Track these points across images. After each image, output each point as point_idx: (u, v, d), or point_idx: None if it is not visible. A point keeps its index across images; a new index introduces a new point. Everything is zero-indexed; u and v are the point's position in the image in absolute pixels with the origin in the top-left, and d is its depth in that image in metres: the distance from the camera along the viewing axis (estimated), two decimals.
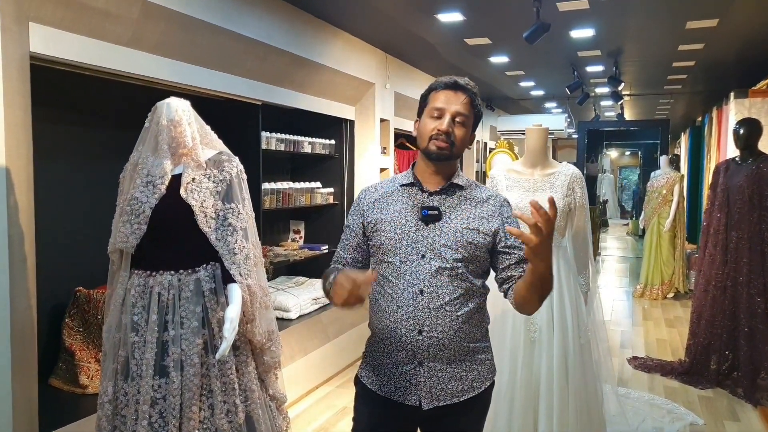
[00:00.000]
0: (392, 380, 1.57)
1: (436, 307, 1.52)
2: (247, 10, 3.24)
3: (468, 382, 1.58)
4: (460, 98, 1.56)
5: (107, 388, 2.01)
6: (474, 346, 1.59)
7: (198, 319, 1.99)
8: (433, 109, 1.57)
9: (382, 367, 1.59)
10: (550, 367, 2.58)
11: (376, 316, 1.62)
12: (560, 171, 2.73)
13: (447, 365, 1.55)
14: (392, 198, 1.64)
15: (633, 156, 17.62)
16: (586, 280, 2.78)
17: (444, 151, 1.56)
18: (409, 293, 1.53)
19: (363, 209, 1.66)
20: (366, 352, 1.68)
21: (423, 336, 1.52)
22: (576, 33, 4.50)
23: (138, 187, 2.01)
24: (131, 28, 2.58)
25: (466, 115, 1.57)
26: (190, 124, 2.07)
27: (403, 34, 4.51)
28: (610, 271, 9.28)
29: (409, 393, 1.55)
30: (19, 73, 2.15)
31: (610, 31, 4.55)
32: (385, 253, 1.58)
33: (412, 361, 1.55)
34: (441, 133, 1.54)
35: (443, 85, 1.58)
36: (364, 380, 1.65)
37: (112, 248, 2.06)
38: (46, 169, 2.70)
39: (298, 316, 4.08)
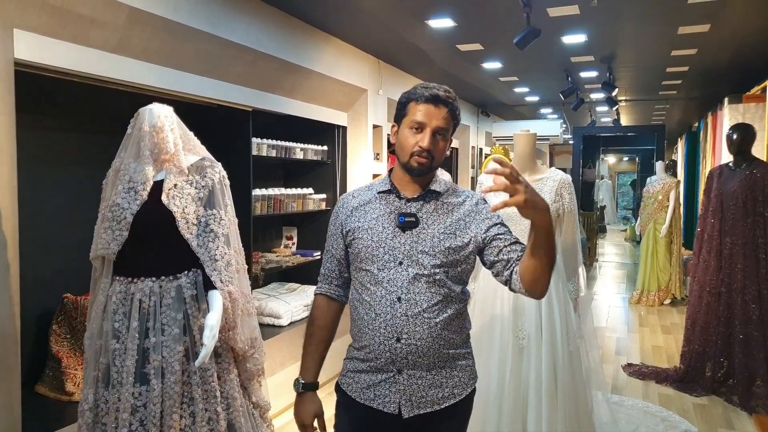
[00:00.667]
0: (372, 388, 1.56)
1: (414, 314, 1.51)
2: (235, 16, 3.24)
3: (449, 389, 1.57)
4: (441, 113, 1.54)
5: (88, 396, 2.00)
6: (454, 353, 1.58)
7: (179, 326, 1.98)
8: (413, 121, 1.54)
9: (362, 374, 1.59)
10: (538, 374, 2.56)
11: (355, 324, 1.62)
12: (548, 177, 2.72)
13: (426, 372, 1.54)
14: (370, 206, 1.63)
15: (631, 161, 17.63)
16: (575, 286, 2.77)
17: (424, 167, 1.55)
18: (387, 300, 1.52)
19: (341, 219, 1.66)
20: (346, 359, 1.68)
21: (401, 343, 1.51)
22: (568, 38, 4.50)
23: (120, 194, 2.00)
24: (117, 35, 2.58)
25: (447, 129, 1.57)
26: (173, 129, 2.06)
27: (394, 41, 4.51)
28: (608, 277, 9.26)
29: (389, 401, 1.54)
30: (2, 80, 2.15)
31: (602, 37, 4.56)
32: (363, 261, 1.58)
33: (390, 368, 1.54)
34: (423, 150, 1.53)
35: (424, 98, 1.54)
36: (344, 387, 1.64)
37: (93, 254, 2.05)
38: (31, 175, 2.69)
39: (290, 323, 4.07)
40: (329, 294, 1.71)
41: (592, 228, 10.73)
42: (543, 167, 2.79)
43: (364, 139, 4.92)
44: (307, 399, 1.65)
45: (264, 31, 3.52)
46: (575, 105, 6.69)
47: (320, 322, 1.70)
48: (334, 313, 1.72)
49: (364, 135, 4.91)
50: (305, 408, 1.64)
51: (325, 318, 1.70)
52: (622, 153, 16.54)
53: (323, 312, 1.70)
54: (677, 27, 4.25)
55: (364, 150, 4.93)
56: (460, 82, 6.43)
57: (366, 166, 4.94)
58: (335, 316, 1.72)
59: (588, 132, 7.80)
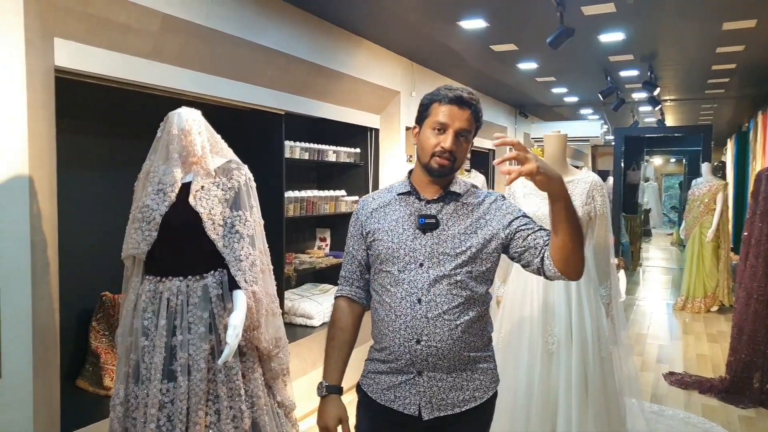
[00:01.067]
0: (392, 389, 1.57)
1: (434, 316, 1.50)
2: (266, 21, 3.29)
3: (469, 391, 1.56)
4: (464, 114, 1.53)
5: (119, 391, 2.06)
6: (475, 356, 1.57)
7: (205, 325, 2.02)
8: (435, 122, 1.54)
9: (383, 375, 1.59)
10: (568, 379, 2.51)
11: (376, 326, 1.62)
12: (580, 179, 2.66)
13: (447, 375, 1.53)
14: (390, 207, 1.63)
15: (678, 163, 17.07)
16: (607, 290, 2.70)
17: (445, 168, 1.55)
18: (407, 302, 1.52)
19: (362, 220, 1.67)
20: (367, 360, 1.68)
21: (421, 345, 1.51)
22: (605, 37, 4.40)
23: (149, 195, 2.06)
24: (152, 41, 2.66)
25: (469, 131, 1.56)
26: (200, 133, 2.11)
27: (427, 42, 4.50)
28: (652, 283, 8.99)
29: (409, 402, 1.54)
30: (43, 86, 2.24)
31: (641, 35, 4.43)
32: (383, 263, 1.58)
33: (411, 370, 1.54)
34: (445, 151, 1.52)
35: (447, 99, 1.54)
36: (365, 388, 1.65)
37: (125, 254, 2.12)
38: (70, 178, 2.79)
39: (322, 323, 4.10)
40: (350, 296, 1.71)
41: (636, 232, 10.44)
42: (574, 169, 2.74)
43: (396, 141, 4.93)
44: (331, 403, 1.64)
45: (295, 35, 3.56)
46: (615, 105, 6.53)
47: (341, 324, 1.69)
48: (356, 316, 1.71)
49: (397, 137, 4.92)
50: (328, 412, 1.62)
51: (347, 320, 1.69)
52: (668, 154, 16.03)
53: (344, 314, 1.70)
54: (721, 23, 4.10)
55: (397, 152, 4.94)
56: (496, 83, 6.36)
57: (398, 168, 4.95)
58: (357, 318, 1.72)
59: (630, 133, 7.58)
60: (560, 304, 2.57)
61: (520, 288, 2.67)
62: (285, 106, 3.75)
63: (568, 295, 2.58)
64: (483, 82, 6.33)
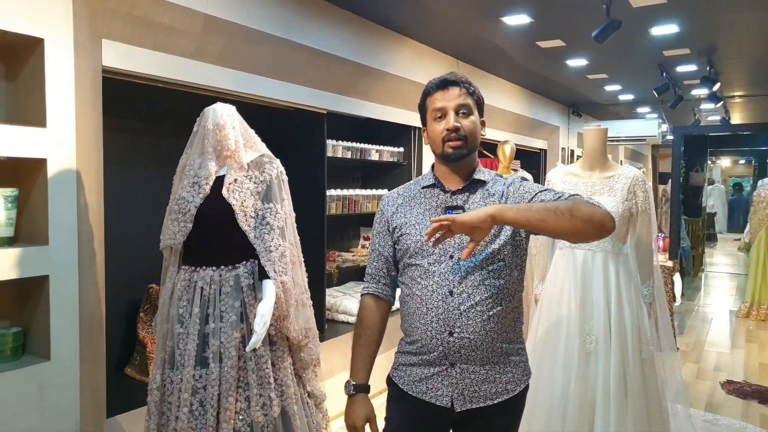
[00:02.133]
0: (424, 381, 1.56)
1: (466, 308, 1.50)
2: (308, 20, 3.35)
3: (501, 384, 1.55)
4: (455, 92, 1.56)
5: (156, 376, 2.14)
6: (507, 347, 1.56)
7: (236, 314, 2.08)
8: (434, 111, 1.58)
9: (414, 367, 1.59)
10: (606, 380, 2.44)
11: (406, 319, 1.62)
12: (621, 174, 2.59)
13: (480, 367, 1.52)
14: (415, 201, 1.64)
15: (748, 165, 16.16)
16: (650, 290, 2.60)
17: (460, 149, 1.55)
18: (439, 295, 1.52)
19: (387, 216, 1.67)
20: (398, 352, 1.68)
21: (454, 337, 1.50)
22: (657, 30, 4.23)
23: (185, 188, 2.14)
24: (195, 41, 2.76)
25: (467, 105, 1.57)
26: (234, 127, 2.17)
27: (470, 40, 4.46)
28: (715, 289, 8.60)
29: (441, 394, 1.54)
30: (91, 85, 2.36)
31: (696, 27, 4.24)
32: (413, 256, 1.57)
33: (443, 362, 1.53)
34: (450, 131, 1.53)
35: (435, 86, 1.59)
36: (396, 380, 1.64)
37: (163, 245, 2.20)
38: (118, 175, 2.92)
39: None
40: (377, 293, 1.70)
41: (698, 236, 9.98)
42: (614, 164, 2.65)
43: None
44: (358, 401, 1.64)
45: (337, 34, 3.61)
46: (673, 103, 6.26)
47: (368, 322, 1.69)
48: (383, 313, 1.71)
49: None
50: (356, 411, 1.63)
51: (373, 318, 1.69)
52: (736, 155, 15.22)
53: (371, 312, 1.70)
54: None
55: None
56: (546, 81, 6.23)
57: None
58: (383, 315, 1.71)
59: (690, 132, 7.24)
60: (599, 302, 2.50)
61: (558, 286, 2.61)
62: (327, 106, 3.81)
63: (607, 293, 2.50)
64: (532, 81, 6.21)
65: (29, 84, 2.16)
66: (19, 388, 2.06)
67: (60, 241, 2.17)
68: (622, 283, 2.52)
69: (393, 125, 4.60)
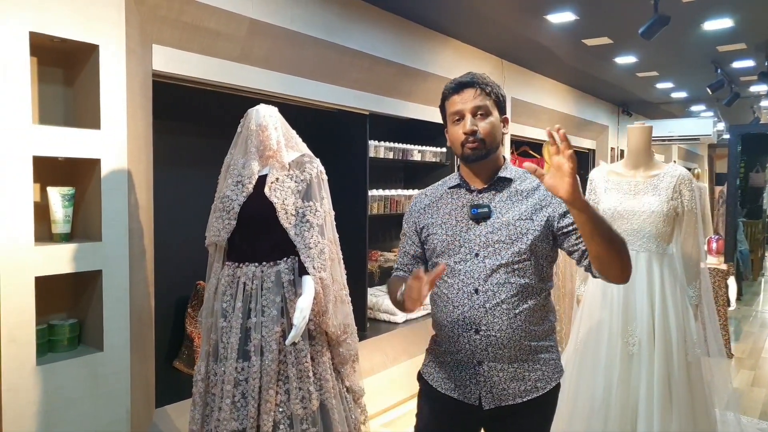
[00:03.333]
0: (452, 378, 1.58)
1: (492, 306, 1.50)
2: (350, 23, 3.40)
3: (531, 382, 1.54)
4: (470, 94, 1.57)
5: (201, 368, 2.22)
6: (536, 345, 1.55)
7: (277, 309, 2.14)
8: (452, 114, 1.60)
9: (444, 365, 1.61)
10: (650, 384, 2.38)
11: (435, 317, 1.64)
12: (665, 172, 2.52)
13: (508, 365, 1.52)
14: (442, 201, 1.66)
15: None
16: (696, 291, 2.52)
17: (478, 151, 1.56)
18: (464, 293, 1.53)
19: (415, 217, 1.70)
20: (429, 349, 1.70)
21: (480, 335, 1.51)
22: (710, 25, 4.08)
23: (229, 186, 2.21)
24: (240, 45, 2.85)
25: (485, 106, 1.57)
26: (276, 128, 2.23)
27: (515, 39, 4.42)
28: None
29: (470, 392, 1.55)
30: (141, 89, 2.48)
31: (752, 20, 4.07)
32: (439, 255, 1.59)
33: (471, 360, 1.54)
34: (468, 135, 1.55)
35: (451, 90, 1.61)
36: (426, 377, 1.67)
37: (208, 242, 2.28)
38: (165, 175, 3.02)
39: (405, 320, 4.15)
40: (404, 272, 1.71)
41: (757, 238, 9.55)
42: (660, 162, 2.59)
43: None
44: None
45: (380, 36, 3.65)
46: (728, 100, 6.02)
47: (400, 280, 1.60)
48: None
49: None
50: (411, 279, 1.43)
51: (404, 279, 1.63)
52: None
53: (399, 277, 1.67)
54: None
55: None
56: (594, 80, 6.10)
57: None
58: None
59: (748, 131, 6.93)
60: (642, 304, 2.44)
61: (600, 288, 2.57)
62: (369, 107, 3.85)
63: (650, 295, 2.44)
64: (579, 79, 6.10)
65: (85, 88, 2.28)
66: (75, 376, 2.18)
67: (112, 238, 2.28)
68: (666, 284, 2.46)
69: (435, 125, 4.60)
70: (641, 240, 2.48)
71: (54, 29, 2.07)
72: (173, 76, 2.67)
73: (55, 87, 2.30)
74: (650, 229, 2.47)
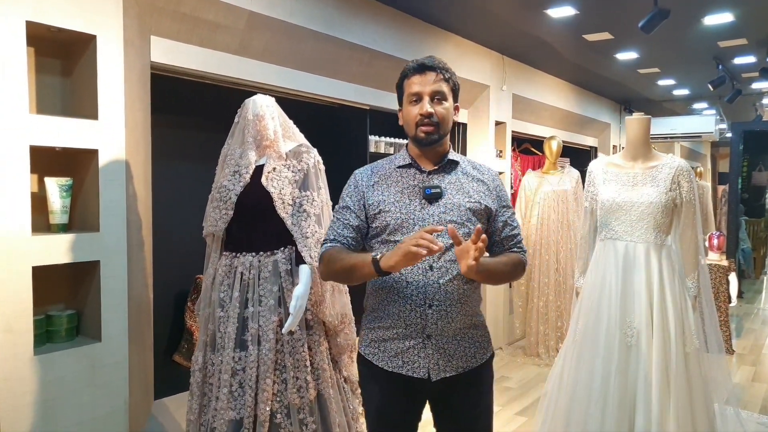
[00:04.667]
0: (400, 355, 1.62)
1: (445, 282, 1.58)
2: (350, 17, 3.40)
3: (471, 353, 1.65)
4: (431, 77, 1.61)
5: (198, 358, 2.23)
6: (475, 320, 1.67)
7: (275, 298, 2.14)
8: (410, 95, 1.64)
9: (389, 342, 1.63)
10: (648, 375, 2.37)
11: (379, 294, 1.64)
12: (664, 164, 2.52)
13: (452, 338, 1.61)
14: (391, 179, 1.69)
15: None
16: (694, 283, 2.51)
17: (432, 135, 1.62)
18: (419, 269, 1.58)
19: (362, 191, 1.69)
20: (365, 330, 1.71)
21: (432, 310, 1.57)
22: (710, 19, 4.07)
23: (226, 176, 2.21)
24: (239, 38, 2.85)
25: (442, 92, 1.63)
26: (273, 118, 2.24)
27: (515, 34, 4.42)
28: None
29: (418, 366, 1.59)
30: (139, 80, 2.48)
31: (753, 15, 4.05)
32: (392, 233, 1.62)
33: (420, 335, 1.59)
34: (424, 116, 1.60)
35: (412, 70, 1.64)
36: (370, 357, 1.67)
37: (205, 232, 2.29)
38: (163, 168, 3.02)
39: None
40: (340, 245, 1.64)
41: (760, 237, 9.53)
42: (658, 154, 2.58)
43: (485, 135, 4.87)
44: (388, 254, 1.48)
45: (380, 30, 3.65)
46: (730, 97, 6.00)
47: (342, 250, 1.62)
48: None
49: (485, 132, 4.86)
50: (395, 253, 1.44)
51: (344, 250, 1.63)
52: None
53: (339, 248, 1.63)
54: None
55: (485, 147, 4.88)
56: (596, 77, 6.08)
57: (487, 164, 4.88)
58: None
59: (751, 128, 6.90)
60: (640, 295, 2.43)
61: (599, 279, 2.56)
62: (370, 101, 3.85)
63: (649, 285, 2.43)
64: (580, 76, 6.08)
65: (82, 79, 2.28)
66: (73, 366, 2.18)
67: (110, 229, 2.29)
68: (665, 275, 2.45)
69: None
70: (639, 231, 2.47)
71: (51, 19, 2.08)
72: (171, 68, 2.67)
73: (53, 77, 2.30)
74: (648, 221, 2.46)
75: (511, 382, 4.28)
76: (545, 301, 4.91)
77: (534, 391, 4.06)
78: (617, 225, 2.53)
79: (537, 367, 4.64)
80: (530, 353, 4.95)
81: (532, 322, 4.96)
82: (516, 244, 1.73)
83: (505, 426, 3.47)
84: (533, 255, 4.96)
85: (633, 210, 2.49)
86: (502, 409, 3.74)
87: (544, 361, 4.78)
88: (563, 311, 4.88)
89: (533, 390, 4.09)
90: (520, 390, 4.11)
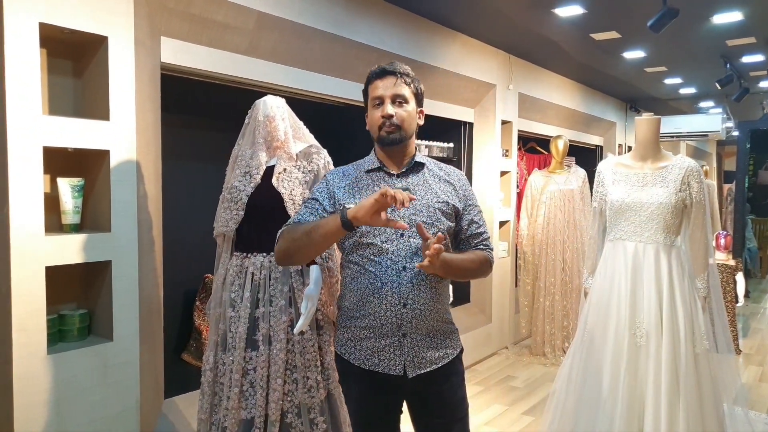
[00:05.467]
0: (376, 353, 1.66)
1: (418, 282, 1.64)
2: (357, 17, 3.40)
3: (443, 349, 1.72)
4: (392, 81, 1.69)
5: (209, 357, 2.24)
6: (445, 317, 1.75)
7: (285, 298, 2.15)
8: (373, 99, 1.72)
9: (365, 341, 1.68)
10: (657, 376, 2.38)
11: (354, 294, 1.69)
12: (674, 164, 2.52)
13: (426, 335, 1.68)
14: (361, 183, 1.74)
15: None
16: (703, 283, 2.51)
17: (393, 134, 1.68)
18: (393, 270, 1.64)
19: (333, 191, 1.74)
20: (341, 329, 1.76)
21: (407, 309, 1.63)
22: (719, 18, 4.05)
23: (237, 177, 2.22)
24: (248, 38, 2.86)
25: (404, 95, 1.70)
26: (284, 119, 2.24)
27: (523, 33, 4.41)
28: None
29: (394, 363, 1.65)
30: (150, 81, 2.49)
31: (762, 14, 4.03)
32: (364, 235, 1.66)
33: (396, 333, 1.65)
34: (385, 119, 1.67)
35: (375, 75, 1.72)
36: (346, 357, 1.73)
37: (216, 232, 2.30)
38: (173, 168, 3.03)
39: None
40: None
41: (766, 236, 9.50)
42: (667, 154, 2.58)
43: (491, 135, 4.87)
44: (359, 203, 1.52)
45: (387, 30, 3.65)
46: (737, 96, 5.97)
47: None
48: None
49: (492, 131, 4.86)
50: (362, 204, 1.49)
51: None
52: None
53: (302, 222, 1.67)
54: None
55: (491, 146, 4.88)
56: (602, 76, 6.07)
57: (493, 163, 4.89)
58: None
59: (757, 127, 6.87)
60: (649, 295, 2.43)
61: (608, 279, 2.56)
62: None
63: (658, 286, 2.43)
64: (587, 75, 6.06)
65: (94, 80, 2.29)
66: (85, 366, 2.20)
67: (121, 229, 2.30)
68: (674, 275, 2.45)
69: (443, 120, 4.61)
70: (649, 232, 2.47)
71: (64, 21, 2.09)
72: (181, 69, 2.68)
73: (65, 78, 2.31)
74: (658, 221, 2.46)
75: (518, 382, 4.28)
76: (551, 301, 4.91)
77: (540, 390, 4.07)
78: (626, 226, 2.53)
79: (543, 367, 4.65)
80: (536, 353, 4.95)
81: (538, 322, 4.96)
82: (482, 241, 1.79)
83: (511, 426, 3.47)
84: (539, 254, 4.96)
85: (642, 211, 2.49)
86: (509, 408, 3.74)
87: (550, 360, 4.79)
88: (569, 311, 4.88)
89: (539, 389, 4.10)
90: (526, 389, 4.12)
